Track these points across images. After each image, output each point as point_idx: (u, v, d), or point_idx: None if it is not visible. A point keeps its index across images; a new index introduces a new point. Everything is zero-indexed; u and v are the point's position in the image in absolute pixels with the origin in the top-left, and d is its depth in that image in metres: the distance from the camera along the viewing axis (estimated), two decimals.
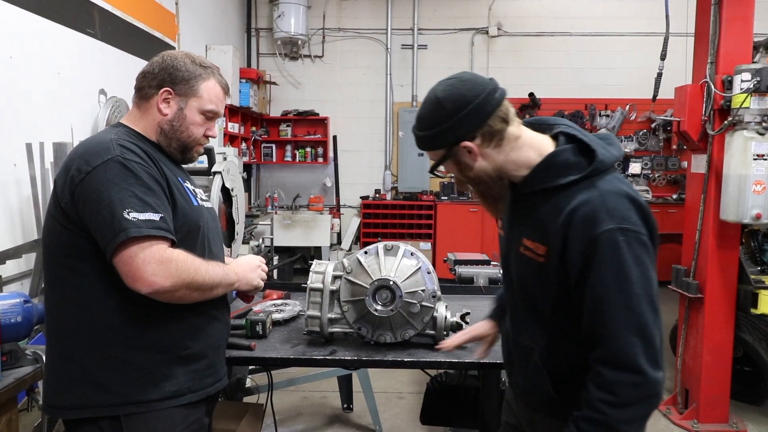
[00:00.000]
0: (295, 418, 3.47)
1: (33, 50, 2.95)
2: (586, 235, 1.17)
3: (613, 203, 1.18)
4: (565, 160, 1.25)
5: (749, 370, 3.61)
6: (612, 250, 1.15)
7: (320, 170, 7.49)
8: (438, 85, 1.29)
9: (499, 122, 1.25)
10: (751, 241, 3.46)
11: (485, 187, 1.33)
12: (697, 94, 3.24)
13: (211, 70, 1.48)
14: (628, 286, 1.16)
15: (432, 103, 1.27)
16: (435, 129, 1.26)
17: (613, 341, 1.16)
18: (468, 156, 1.27)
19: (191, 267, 1.31)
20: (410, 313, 1.80)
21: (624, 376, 1.15)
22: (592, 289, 1.18)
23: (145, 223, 1.25)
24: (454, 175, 1.35)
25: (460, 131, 1.25)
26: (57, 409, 1.36)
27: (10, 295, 1.70)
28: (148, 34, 4.29)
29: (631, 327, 1.15)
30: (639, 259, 1.17)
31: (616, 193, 1.20)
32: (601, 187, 1.21)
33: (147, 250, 1.24)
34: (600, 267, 1.16)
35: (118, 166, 1.28)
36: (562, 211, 1.21)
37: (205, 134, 1.49)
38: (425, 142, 1.31)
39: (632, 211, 1.19)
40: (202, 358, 1.42)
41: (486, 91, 1.24)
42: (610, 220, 1.16)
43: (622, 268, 1.15)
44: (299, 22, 6.91)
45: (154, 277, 1.24)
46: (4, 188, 2.74)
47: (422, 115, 1.29)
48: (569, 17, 7.23)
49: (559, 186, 1.24)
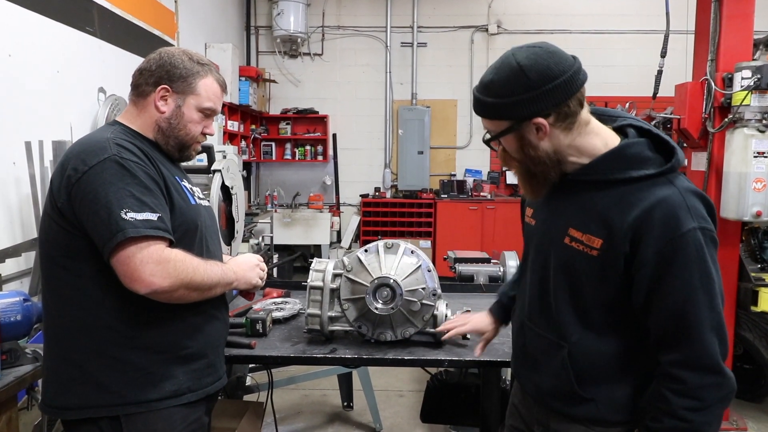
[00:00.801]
0: (295, 416, 3.47)
1: (32, 48, 2.94)
2: (668, 235, 1.12)
3: (692, 202, 1.15)
4: (638, 153, 1.19)
5: (749, 367, 3.61)
6: (698, 250, 1.12)
7: (320, 168, 7.48)
8: (518, 50, 1.18)
9: (577, 104, 1.18)
10: (751, 238, 3.45)
11: (542, 168, 1.23)
12: (698, 91, 3.24)
13: (208, 68, 1.47)
14: (711, 287, 1.13)
15: (511, 68, 1.16)
16: (510, 98, 1.16)
17: (698, 343, 1.12)
18: (535, 134, 1.19)
19: (189, 267, 1.30)
20: (411, 312, 1.79)
21: (708, 379, 1.13)
22: (674, 289, 1.13)
23: (143, 223, 1.24)
24: (505, 150, 1.26)
25: (538, 106, 1.16)
26: (57, 410, 1.35)
27: (9, 294, 1.69)
28: (148, 32, 4.28)
29: (713, 327, 1.13)
30: (714, 259, 1.15)
31: (693, 192, 1.17)
32: (679, 184, 1.17)
33: (145, 250, 1.24)
34: (685, 267, 1.12)
35: (115, 165, 1.27)
36: (633, 206, 1.15)
37: (202, 132, 1.49)
38: (493, 110, 1.20)
39: (705, 211, 1.16)
40: (201, 358, 1.42)
41: (572, 70, 1.16)
42: (693, 220, 1.12)
43: (706, 269, 1.13)
44: (299, 20, 6.90)
45: (152, 278, 1.23)
46: (3, 187, 2.73)
47: (496, 79, 1.18)
48: (569, 15, 7.22)
49: (629, 179, 1.18)
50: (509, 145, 1.24)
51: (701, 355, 1.12)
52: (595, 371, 1.24)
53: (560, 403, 1.29)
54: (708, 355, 1.12)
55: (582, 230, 1.22)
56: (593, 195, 1.21)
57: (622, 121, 1.27)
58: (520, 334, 1.43)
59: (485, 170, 7.43)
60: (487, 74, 1.21)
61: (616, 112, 1.31)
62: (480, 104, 1.22)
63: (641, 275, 1.15)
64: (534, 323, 1.35)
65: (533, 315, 1.36)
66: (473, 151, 7.43)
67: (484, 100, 1.20)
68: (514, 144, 1.22)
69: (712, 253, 1.15)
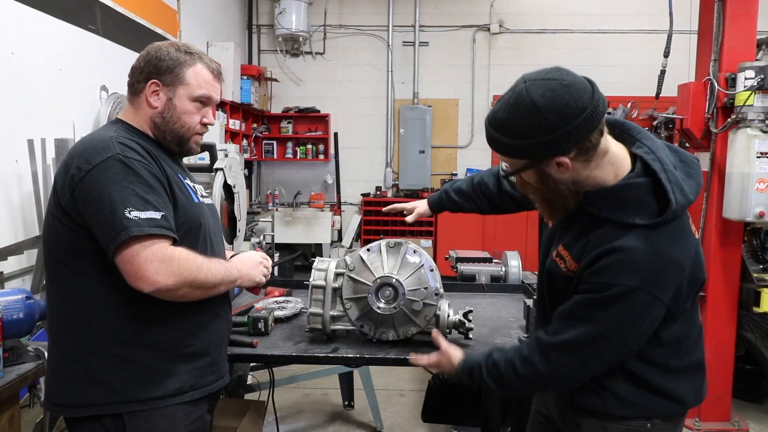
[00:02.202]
0: (296, 415, 3.47)
1: (35, 46, 2.94)
2: (606, 278, 1.15)
3: (653, 265, 1.13)
4: (635, 198, 1.16)
5: (751, 368, 3.61)
6: (620, 302, 1.14)
7: (321, 167, 7.48)
8: (532, 84, 1.11)
9: (598, 136, 1.14)
10: (753, 239, 3.44)
11: (561, 199, 1.23)
12: (701, 91, 3.23)
13: (197, 56, 1.43)
14: (604, 331, 1.18)
15: (527, 108, 1.10)
16: (528, 140, 1.12)
17: (559, 345, 1.22)
18: (556, 169, 1.16)
19: (193, 265, 1.30)
20: (413, 311, 1.79)
21: (539, 364, 1.23)
22: (581, 305, 1.20)
23: (147, 222, 1.24)
24: (524, 179, 1.23)
25: (560, 147, 1.11)
26: (60, 407, 1.35)
27: (11, 292, 1.69)
28: (150, 30, 4.27)
29: (579, 353, 1.20)
30: (635, 324, 1.16)
31: (662, 257, 1.14)
32: (653, 243, 1.14)
33: (149, 249, 1.23)
34: (599, 305, 1.16)
35: (118, 164, 1.27)
36: (604, 244, 1.16)
37: (201, 122, 1.45)
38: (510, 150, 1.16)
39: (668, 277, 1.15)
40: (204, 356, 1.42)
41: (592, 103, 1.10)
42: (639, 280, 1.12)
43: (613, 322, 1.16)
44: (300, 19, 6.89)
45: (156, 276, 1.23)
46: (5, 184, 2.73)
47: (512, 119, 1.13)
48: (571, 14, 7.21)
49: (619, 222, 1.17)
50: (529, 177, 1.22)
51: (554, 351, 1.23)
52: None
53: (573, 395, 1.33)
54: (557, 354, 1.22)
55: (568, 250, 1.25)
56: (587, 224, 1.22)
57: (639, 147, 1.23)
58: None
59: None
60: (500, 110, 1.15)
61: (637, 130, 1.26)
62: (495, 142, 1.18)
63: (575, 289, 1.23)
64: (539, 324, 1.43)
65: (539, 316, 1.44)
66: (474, 150, 7.42)
67: (501, 140, 1.16)
68: (534, 177, 1.21)
69: (639, 315, 1.15)
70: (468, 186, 1.86)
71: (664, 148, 1.23)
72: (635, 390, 1.26)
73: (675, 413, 1.32)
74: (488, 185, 1.81)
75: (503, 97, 1.17)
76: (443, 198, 1.90)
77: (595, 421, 1.30)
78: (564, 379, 1.24)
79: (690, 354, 1.30)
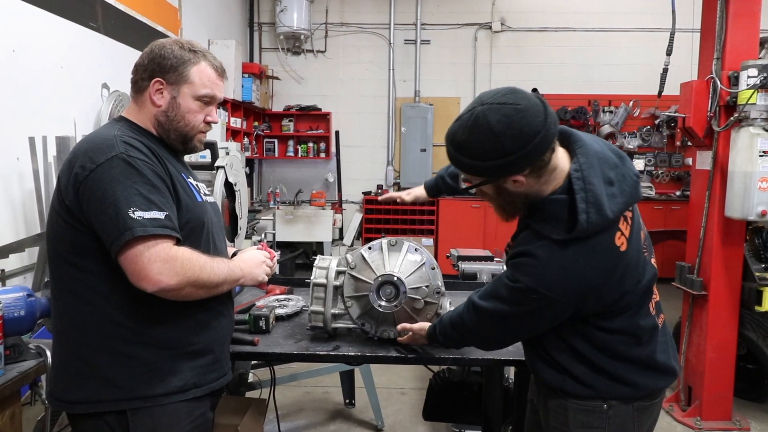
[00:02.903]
0: (297, 413, 3.47)
1: (36, 43, 2.94)
2: (512, 272, 1.32)
3: (550, 273, 1.26)
4: (554, 212, 1.29)
5: (752, 367, 3.60)
6: (509, 289, 1.33)
7: (322, 165, 7.48)
8: (488, 109, 1.21)
9: (550, 154, 1.26)
10: (755, 238, 3.44)
11: (513, 208, 1.37)
12: (703, 90, 3.22)
13: (201, 54, 1.42)
14: (494, 317, 1.39)
15: (485, 133, 1.20)
16: (487, 162, 1.23)
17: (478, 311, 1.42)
18: (512, 184, 1.28)
19: (196, 265, 1.30)
20: (414, 309, 1.79)
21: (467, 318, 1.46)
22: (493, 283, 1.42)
23: (151, 222, 1.24)
24: (482, 190, 1.35)
25: (515, 168, 1.23)
26: (65, 404, 1.36)
27: (13, 289, 1.69)
28: (151, 28, 4.27)
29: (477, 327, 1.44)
30: (538, 310, 1.31)
31: (561, 269, 1.26)
32: (557, 256, 1.27)
33: (152, 249, 1.24)
34: (511, 293, 1.33)
35: (122, 163, 1.27)
36: (521, 245, 1.33)
37: (205, 120, 1.44)
38: (470, 169, 1.28)
39: (563, 284, 1.26)
40: (207, 354, 1.42)
41: (545, 126, 1.20)
42: (529, 279, 1.28)
43: (499, 307, 1.36)
44: (302, 17, 6.88)
45: (159, 276, 1.24)
46: (6, 182, 2.73)
47: (470, 142, 1.23)
48: (573, 12, 7.19)
49: (537, 232, 1.30)
50: (487, 189, 1.34)
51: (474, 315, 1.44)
52: (550, 346, 1.40)
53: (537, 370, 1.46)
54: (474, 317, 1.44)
55: (513, 242, 1.42)
56: (524, 225, 1.37)
57: (574, 162, 1.31)
58: None
59: None
60: (459, 131, 1.25)
61: (576, 138, 1.36)
62: (456, 161, 1.30)
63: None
64: None
65: None
66: None
67: (461, 160, 1.28)
68: (492, 190, 1.33)
69: (540, 310, 1.31)
70: None
71: (600, 163, 1.29)
72: (588, 372, 1.37)
73: (630, 397, 1.38)
74: None
75: (462, 116, 1.26)
76: (439, 182, 2.02)
77: (559, 401, 1.41)
78: (486, 336, 1.47)
79: (643, 347, 1.39)
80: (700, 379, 3.34)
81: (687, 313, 3.47)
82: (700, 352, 3.35)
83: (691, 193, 3.55)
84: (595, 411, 1.38)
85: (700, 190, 3.37)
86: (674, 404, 3.54)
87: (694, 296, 3.37)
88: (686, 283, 3.40)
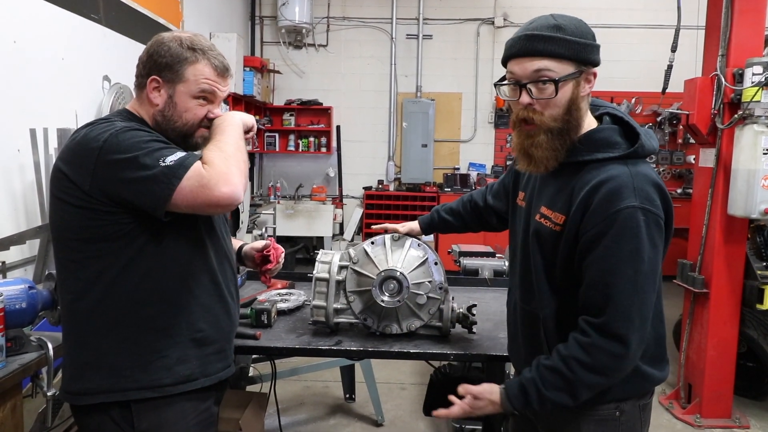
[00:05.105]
0: (297, 407, 3.47)
1: (37, 35, 2.92)
2: (606, 210, 1.18)
3: (640, 184, 1.19)
4: (605, 137, 1.27)
5: (753, 365, 3.60)
6: (632, 227, 1.16)
7: (323, 160, 7.46)
8: (550, 16, 1.28)
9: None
10: (757, 236, 3.43)
11: (564, 135, 1.26)
12: (707, 87, 3.21)
13: (201, 52, 1.38)
14: (640, 264, 1.17)
15: (571, 19, 1.26)
16: (585, 39, 1.24)
17: (612, 313, 1.17)
18: (584, 88, 1.26)
19: (224, 157, 1.28)
20: (417, 305, 1.79)
21: (610, 345, 1.17)
22: (602, 259, 1.18)
23: (182, 160, 1.25)
24: (531, 104, 1.25)
25: (598, 55, 1.27)
26: (71, 396, 1.35)
27: (14, 281, 1.68)
28: (153, 20, 4.25)
29: (634, 303, 1.17)
30: (654, 240, 1.19)
31: (645, 176, 1.21)
32: (632, 167, 1.22)
33: (200, 177, 1.23)
34: (615, 241, 1.17)
35: (127, 132, 1.27)
36: (588, 183, 1.22)
37: (207, 117, 1.41)
38: (569, 47, 1.22)
39: (656, 196, 1.20)
40: (213, 342, 1.42)
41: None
42: (635, 199, 1.17)
43: (637, 246, 1.17)
44: (303, 11, 6.86)
45: (223, 189, 1.23)
46: (7, 174, 2.72)
47: (566, 24, 1.25)
48: (576, 8, 7.15)
49: (595, 160, 1.25)
50: (563, 94, 1.23)
51: (613, 324, 1.17)
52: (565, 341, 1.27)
53: None
54: (620, 327, 1.17)
55: (551, 208, 1.29)
56: (568, 177, 1.28)
57: (602, 110, 1.35)
58: (512, 316, 1.50)
59: (489, 164, 7.40)
60: (546, 22, 1.25)
61: (600, 102, 1.39)
62: (552, 41, 1.22)
63: (580, 246, 1.22)
64: (524, 302, 1.42)
65: (523, 294, 1.42)
66: (477, 144, 7.40)
67: (560, 37, 1.22)
68: (568, 94, 1.24)
69: (652, 234, 1.18)
70: (458, 204, 1.93)
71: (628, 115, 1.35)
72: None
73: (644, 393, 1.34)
74: (477, 201, 1.87)
75: (534, 21, 1.28)
76: (434, 218, 1.93)
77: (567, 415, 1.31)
78: (637, 344, 1.18)
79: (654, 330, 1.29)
80: (701, 377, 3.34)
81: (688, 311, 3.47)
82: (700, 349, 3.36)
83: (694, 191, 3.54)
84: (608, 420, 1.31)
85: (702, 187, 3.37)
86: (674, 401, 3.54)
87: (695, 294, 3.37)
88: (688, 280, 3.40)
